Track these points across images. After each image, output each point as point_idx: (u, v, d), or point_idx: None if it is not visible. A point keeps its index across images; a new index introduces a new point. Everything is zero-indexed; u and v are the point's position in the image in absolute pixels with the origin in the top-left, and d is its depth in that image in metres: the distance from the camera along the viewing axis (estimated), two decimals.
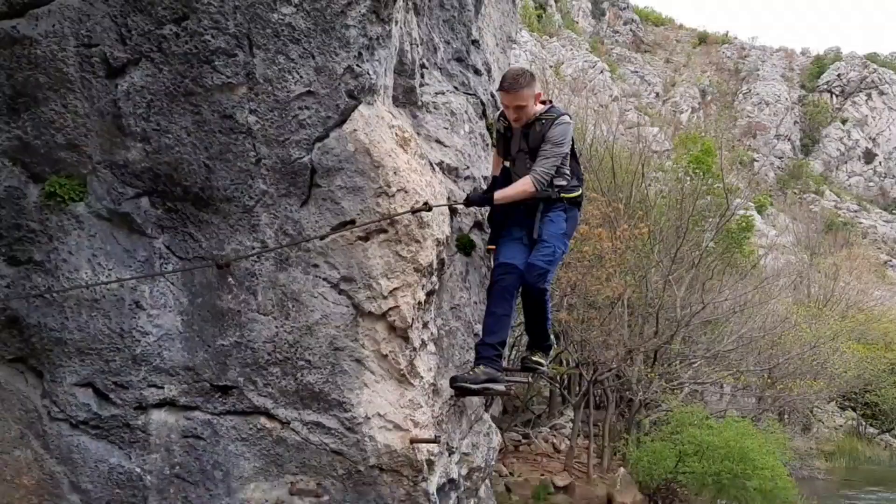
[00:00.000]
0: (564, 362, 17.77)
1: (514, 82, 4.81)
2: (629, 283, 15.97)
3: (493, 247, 5.11)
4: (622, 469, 15.81)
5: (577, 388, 19.44)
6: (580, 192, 5.06)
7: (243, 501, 4.28)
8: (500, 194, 4.78)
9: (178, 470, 4.27)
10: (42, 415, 4.28)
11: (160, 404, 4.26)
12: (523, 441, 17.80)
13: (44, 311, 4.22)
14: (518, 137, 5.00)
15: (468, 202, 4.87)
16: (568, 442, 18.43)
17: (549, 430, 19.66)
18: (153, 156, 4.14)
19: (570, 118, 4.95)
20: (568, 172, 4.94)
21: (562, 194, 4.91)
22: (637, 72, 70.18)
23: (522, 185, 4.78)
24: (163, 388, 4.25)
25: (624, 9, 79.56)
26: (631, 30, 78.70)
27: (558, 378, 19.40)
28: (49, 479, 4.29)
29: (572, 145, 4.98)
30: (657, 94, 68.61)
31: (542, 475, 16.53)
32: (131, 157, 4.16)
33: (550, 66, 41.85)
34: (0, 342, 4.30)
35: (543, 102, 4.99)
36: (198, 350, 4.25)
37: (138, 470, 4.24)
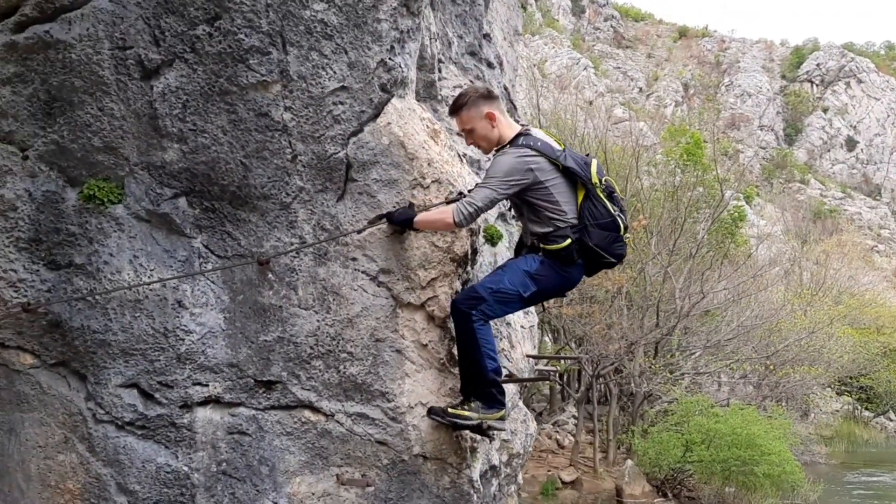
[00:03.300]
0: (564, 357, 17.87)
1: (453, 104, 4.36)
2: (629, 275, 16.10)
3: None
4: (629, 461, 15.93)
5: (578, 384, 19.55)
6: (564, 244, 4.16)
7: (290, 496, 4.29)
8: (420, 217, 4.14)
9: (225, 467, 4.28)
10: (87, 418, 4.28)
11: (205, 402, 4.27)
12: None
13: (86, 313, 4.23)
14: None
15: (390, 218, 4.19)
16: (571, 437, 18.52)
17: (551, 426, 19.76)
18: (190, 156, 4.17)
19: (527, 149, 4.14)
20: (556, 216, 4.18)
21: (540, 244, 4.26)
22: (619, 67, 70.52)
23: (442, 214, 4.11)
24: (207, 385, 4.26)
25: (603, 5, 79.92)
26: (611, 26, 79.07)
27: (558, 375, 19.49)
28: (95, 481, 4.29)
29: (585, 184, 4.17)
30: (640, 89, 68.97)
31: (549, 471, 16.63)
32: (168, 157, 4.18)
33: (534, 65, 41.98)
34: (42, 347, 4.30)
35: (524, 126, 4.37)
36: (241, 346, 4.27)
37: (185, 468, 4.25)
